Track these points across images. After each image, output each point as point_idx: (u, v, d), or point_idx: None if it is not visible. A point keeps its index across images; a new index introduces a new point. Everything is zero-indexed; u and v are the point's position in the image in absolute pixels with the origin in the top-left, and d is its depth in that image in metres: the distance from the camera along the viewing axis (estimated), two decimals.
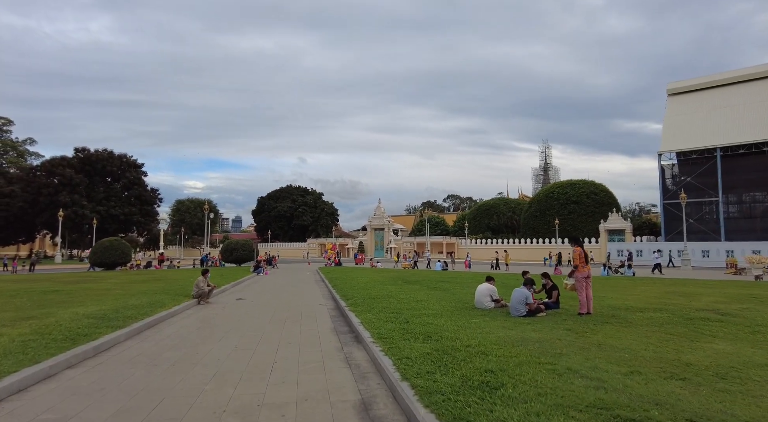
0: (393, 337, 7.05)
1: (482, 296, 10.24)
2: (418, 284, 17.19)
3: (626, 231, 58.23)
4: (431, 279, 19.53)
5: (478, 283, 18.25)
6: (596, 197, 62.88)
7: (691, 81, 60.67)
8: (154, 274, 26.02)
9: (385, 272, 27.85)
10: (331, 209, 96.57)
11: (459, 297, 12.54)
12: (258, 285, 20.50)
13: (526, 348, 6.21)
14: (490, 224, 73.55)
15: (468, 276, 22.27)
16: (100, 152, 64.91)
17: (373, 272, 26.56)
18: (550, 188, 66.56)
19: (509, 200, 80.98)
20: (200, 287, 13.48)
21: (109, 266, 30.87)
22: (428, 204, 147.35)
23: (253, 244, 37.18)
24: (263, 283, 21.88)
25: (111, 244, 30.53)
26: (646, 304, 11.02)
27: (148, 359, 6.51)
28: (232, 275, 24.13)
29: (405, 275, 22.93)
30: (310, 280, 24.24)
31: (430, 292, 14.00)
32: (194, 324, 9.77)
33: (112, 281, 19.56)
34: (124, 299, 12.13)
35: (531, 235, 64.95)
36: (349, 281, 18.86)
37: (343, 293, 14.04)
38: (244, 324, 9.65)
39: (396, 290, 14.40)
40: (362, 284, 17.41)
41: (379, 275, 23.93)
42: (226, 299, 14.59)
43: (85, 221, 60.03)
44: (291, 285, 20.60)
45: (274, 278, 25.18)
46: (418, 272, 28.44)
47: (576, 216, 62.47)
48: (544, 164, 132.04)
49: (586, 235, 60.71)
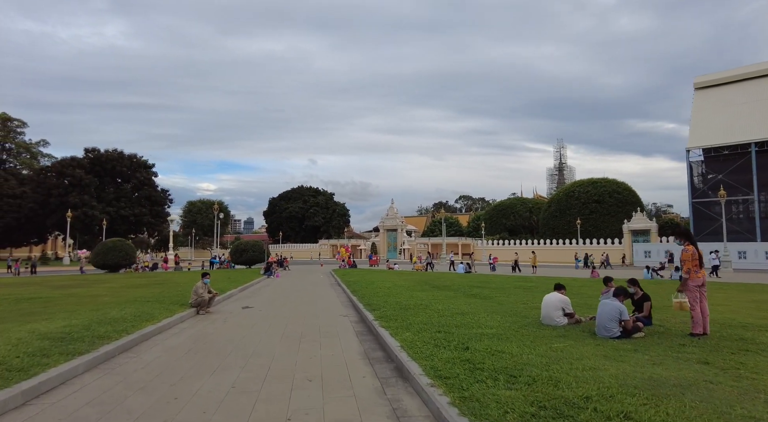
0: (458, 375, 4.80)
1: (552, 309, 7.93)
2: (451, 290, 14.90)
3: (651, 232, 55.25)
4: (462, 284, 17.22)
5: (516, 288, 15.97)
6: (619, 196, 59.95)
7: (718, 74, 57.50)
8: (157, 277, 24.08)
9: (405, 275, 25.58)
10: (342, 209, 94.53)
11: (510, 308, 10.23)
12: (268, 290, 18.38)
13: (678, 400, 3.92)
14: (507, 224, 70.89)
15: (500, 280, 19.90)
16: (110, 152, 63.61)
17: (392, 275, 24.31)
18: (571, 186, 63.75)
19: (526, 199, 78.21)
20: (199, 294, 11.35)
21: (112, 269, 29.04)
22: (440, 205, 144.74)
23: (263, 245, 35.14)
24: (274, 287, 19.77)
25: (114, 245, 28.68)
26: (758, 319, 8.63)
27: (99, 412, 4.33)
28: (240, 278, 22.08)
29: (430, 279, 20.63)
30: (325, 283, 22.09)
31: (470, 300, 11.70)
32: (185, 344, 7.61)
33: (106, 285, 17.56)
34: (107, 309, 10.03)
35: (550, 235, 62.19)
36: (369, 286, 16.65)
37: (366, 301, 11.82)
38: (248, 345, 7.47)
39: (428, 298, 12.13)
40: (385, 289, 15.19)
41: (401, 278, 21.68)
42: (230, 308, 12.45)
43: (95, 222, 58.63)
44: (304, 290, 18.44)
45: (286, 282, 23.08)
46: (441, 275, 26.11)
47: (598, 216, 59.59)
48: (559, 163, 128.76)
49: (609, 235, 57.85)
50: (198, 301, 11.28)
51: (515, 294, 13.01)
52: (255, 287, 19.84)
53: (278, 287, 19.48)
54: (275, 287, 19.49)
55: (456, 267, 30.61)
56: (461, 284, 16.87)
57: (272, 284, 21.17)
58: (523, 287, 16.03)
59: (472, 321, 8.27)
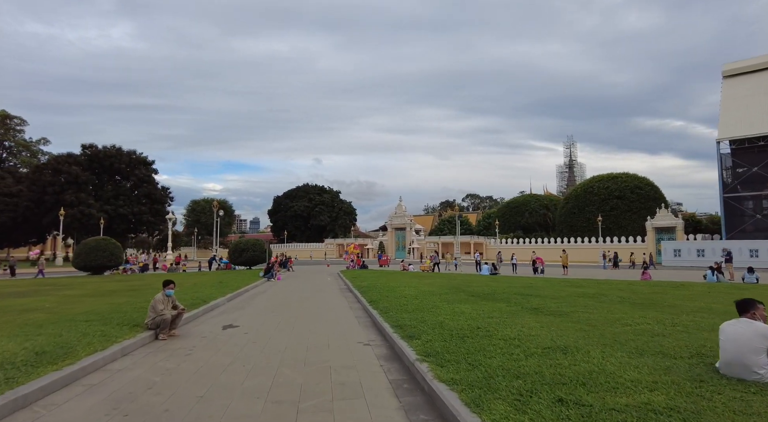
0: None
1: (749, 350, 4.37)
2: (500, 300, 11.32)
3: (677, 229, 51.39)
4: (506, 291, 13.64)
5: (578, 296, 12.17)
6: (641, 191, 56.07)
7: (748, 61, 53.47)
8: (141, 280, 20.72)
9: (426, 277, 22.03)
10: (349, 208, 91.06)
11: (617, 336, 6.64)
12: (264, 298, 14.92)
13: None
14: (521, 222, 67.12)
15: (544, 284, 16.30)
16: (108, 148, 60.47)
17: (411, 278, 20.78)
18: (589, 182, 59.89)
19: (540, 196, 74.35)
20: (158, 312, 7.88)
21: (95, 271, 25.69)
22: (447, 204, 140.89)
23: (264, 244, 31.67)
24: (272, 293, 16.32)
25: (97, 244, 25.30)
26: None
27: None
28: (235, 282, 18.66)
29: (460, 284, 17.06)
30: (333, 287, 18.62)
31: (543, 320, 8.12)
32: (92, 416, 4.15)
33: (64, 293, 14.12)
34: (6, 340, 6.57)
35: (568, 233, 58.42)
36: (389, 293, 13.15)
37: (394, 320, 8.32)
38: (205, 414, 4.01)
39: (479, 315, 8.60)
40: (411, 298, 11.68)
41: (423, 282, 18.15)
42: (207, 327, 9.00)
43: (92, 220, 55.50)
44: (309, 298, 14.96)
45: (288, 286, 19.64)
46: (467, 277, 22.53)
47: (619, 212, 55.75)
48: (569, 160, 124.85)
49: (630, 233, 54.03)
50: (157, 321, 7.82)
51: (594, 308, 9.46)
52: (249, 293, 16.39)
53: (277, 295, 16.02)
54: (274, 295, 16.04)
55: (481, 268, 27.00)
56: (505, 292, 13.30)
57: (271, 290, 17.71)
58: (585, 294, 12.45)
59: (594, 369, 4.74)
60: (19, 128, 79.65)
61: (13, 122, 77.95)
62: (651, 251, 50.58)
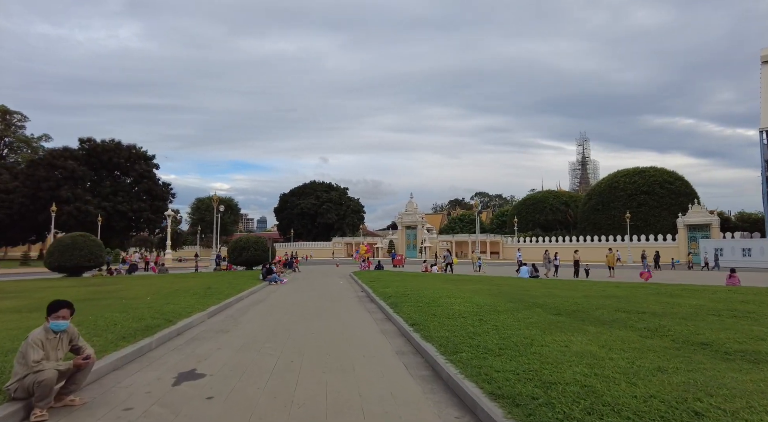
0: None
1: None
2: (616, 325, 7.28)
3: (712, 227, 46.94)
4: (593, 305, 9.62)
5: (708, 313, 7.73)
6: (671, 186, 51.64)
7: None
8: (109, 286, 16.92)
9: (458, 282, 18.01)
10: (357, 205, 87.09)
11: None
12: (259, 313, 11.01)
13: None
14: (539, 219, 62.83)
15: (639, 296, 12.27)
16: (107, 142, 56.95)
17: (443, 283, 16.79)
18: (614, 177, 55.49)
19: (559, 193, 69.99)
20: (30, 365, 3.99)
21: (72, 272, 21.94)
22: (456, 202, 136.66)
23: (267, 241, 27.63)
24: (271, 305, 12.43)
25: (73, 242, 21.47)
26: None
27: None
28: (227, 287, 14.80)
29: (516, 293, 13.01)
30: (348, 295, 14.70)
31: (720, 367, 4.08)
32: None
33: None
34: None
35: (591, 231, 54.12)
36: (433, 309, 9.22)
37: (497, 383, 4.39)
38: None
39: (585, 346, 4.61)
40: (473, 318, 7.74)
41: (463, 288, 14.17)
42: (148, 379, 5.07)
43: (89, 218, 52.01)
44: (319, 313, 11.02)
45: (292, 293, 15.73)
46: (506, 282, 18.48)
47: (647, 209, 51.35)
48: (582, 158, 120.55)
49: (660, 231, 49.67)
50: (27, 384, 3.93)
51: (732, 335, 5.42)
52: (242, 305, 12.50)
53: (277, 308, 12.10)
54: (273, 307, 12.12)
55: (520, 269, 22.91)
56: (594, 306, 9.28)
57: (270, 300, 13.80)
58: (716, 311, 8.42)
59: None
60: (19, 124, 76.78)
61: (13, 117, 74.98)
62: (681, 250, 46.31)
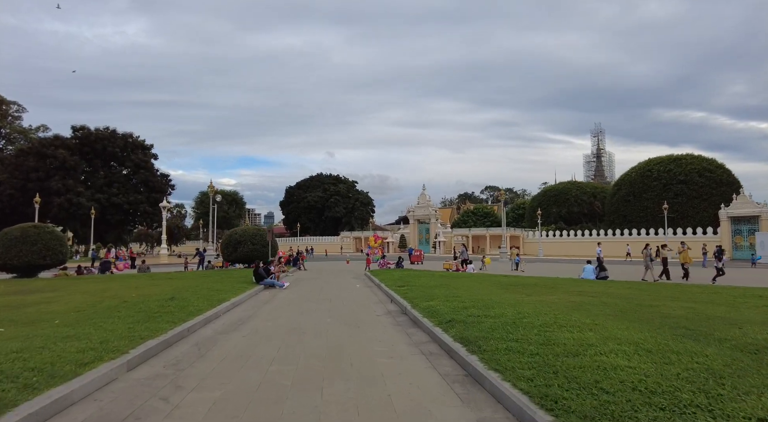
0: None
1: None
2: None
3: (761, 219, 41.62)
4: None
5: None
6: (710, 175, 46.35)
7: None
8: (46, 293, 12.39)
9: (516, 287, 13.18)
10: (366, 198, 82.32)
11: None
12: (225, 358, 6.30)
13: None
14: (560, 212, 57.77)
15: None
16: (101, 130, 52.56)
17: (505, 291, 12.01)
18: (646, 165, 50.25)
19: (584, 183, 64.84)
20: None
21: (25, 272, 17.42)
22: (466, 196, 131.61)
23: (267, 234, 22.79)
24: (252, 335, 7.71)
25: (23, 234, 16.83)
26: None
27: None
28: (197, 300, 10.19)
29: (650, 313, 8.18)
30: (374, 310, 9.95)
31: None
32: None
33: None
34: None
35: (620, 224, 49.05)
36: (551, 354, 4.51)
37: None
38: None
39: None
40: (662, 392, 3.05)
41: (539, 300, 9.38)
42: None
43: (81, 210, 47.79)
44: (332, 359, 6.27)
45: (291, 305, 11.03)
46: (594, 288, 13.61)
47: (684, 199, 46.14)
48: (597, 150, 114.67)
49: (698, 223, 44.50)
50: None
51: None
52: (203, 334, 7.79)
53: (259, 345, 7.40)
54: (250, 345, 7.43)
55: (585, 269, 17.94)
56: None
57: (251, 323, 9.08)
58: None
59: None
60: (16, 114, 72.89)
61: (10, 107, 71.04)
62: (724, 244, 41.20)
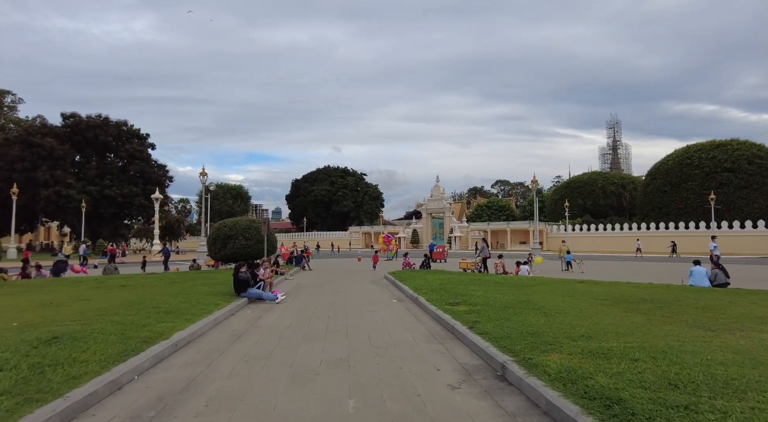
0: None
1: None
2: None
3: None
4: None
5: None
6: (762, 161, 41.14)
7: None
8: None
9: (602, 301, 8.38)
10: (375, 192, 77.54)
11: None
12: None
13: None
14: (587, 205, 52.72)
15: None
16: (92, 118, 48.25)
17: (602, 308, 7.26)
18: (685, 151, 45.02)
19: (611, 174, 59.71)
20: None
21: None
22: (476, 190, 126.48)
23: (262, 226, 17.98)
24: None
25: None
26: None
27: None
28: (120, 334, 5.65)
29: None
30: (433, 357, 5.16)
31: None
32: None
33: None
34: None
35: (655, 217, 44.01)
36: None
37: None
38: None
39: None
40: None
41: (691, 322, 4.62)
42: None
43: (71, 203, 43.58)
44: None
45: (284, 340, 6.34)
46: (679, 293, 8.70)
47: (731, 189, 40.98)
48: (613, 142, 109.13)
49: (748, 216, 39.38)
50: None
51: None
52: None
53: None
54: None
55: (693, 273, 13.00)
56: None
57: (182, 408, 4.39)
58: None
59: None
60: (12, 105, 69.01)
61: (5, 97, 67.13)
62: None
